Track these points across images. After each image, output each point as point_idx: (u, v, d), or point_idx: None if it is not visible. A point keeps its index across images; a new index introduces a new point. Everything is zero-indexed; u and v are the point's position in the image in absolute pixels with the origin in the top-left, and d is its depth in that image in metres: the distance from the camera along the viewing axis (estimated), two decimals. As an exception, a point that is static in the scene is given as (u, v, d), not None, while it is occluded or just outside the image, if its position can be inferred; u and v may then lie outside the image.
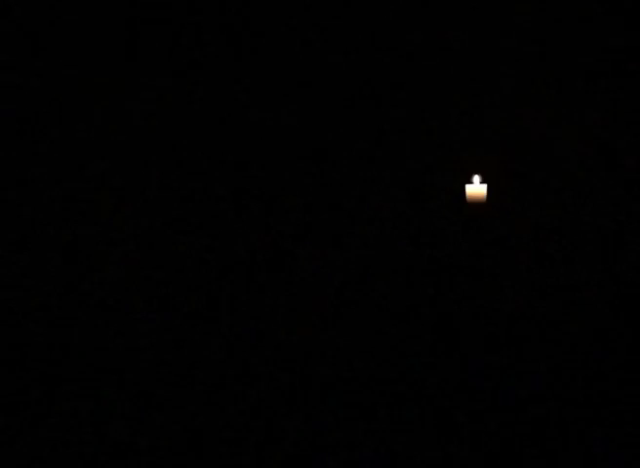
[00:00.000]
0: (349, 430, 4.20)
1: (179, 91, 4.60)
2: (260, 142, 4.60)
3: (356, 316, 4.45)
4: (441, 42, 4.57)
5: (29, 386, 4.32)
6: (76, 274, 4.48)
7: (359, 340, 4.41)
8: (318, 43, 4.60)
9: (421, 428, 4.21)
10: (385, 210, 4.54)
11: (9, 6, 4.55)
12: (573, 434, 4.15)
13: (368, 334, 4.41)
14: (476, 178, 4.28)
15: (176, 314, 4.45)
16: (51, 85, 4.57)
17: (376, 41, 4.58)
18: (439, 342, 4.37)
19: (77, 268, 4.49)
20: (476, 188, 4.27)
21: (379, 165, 4.56)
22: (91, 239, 4.51)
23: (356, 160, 4.57)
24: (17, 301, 4.43)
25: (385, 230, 4.54)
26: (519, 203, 4.51)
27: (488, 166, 4.46)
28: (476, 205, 4.25)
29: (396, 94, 4.58)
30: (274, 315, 4.46)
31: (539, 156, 4.52)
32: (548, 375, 4.28)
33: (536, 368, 4.30)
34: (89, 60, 4.59)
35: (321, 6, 4.60)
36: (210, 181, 4.57)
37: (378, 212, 4.55)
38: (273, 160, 4.59)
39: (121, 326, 4.42)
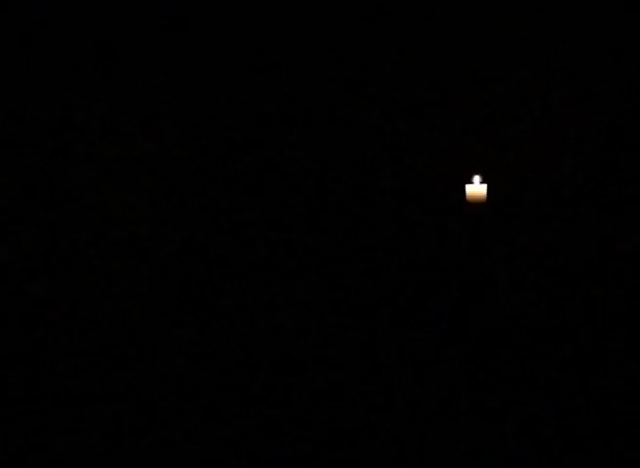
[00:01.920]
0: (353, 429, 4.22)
1: (180, 90, 4.61)
2: (258, 142, 4.60)
3: (356, 316, 4.45)
4: (441, 42, 4.58)
5: (28, 385, 4.33)
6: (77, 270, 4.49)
7: (358, 340, 4.41)
8: (317, 41, 4.60)
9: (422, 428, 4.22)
10: (384, 210, 4.54)
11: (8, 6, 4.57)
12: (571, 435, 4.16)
13: (367, 335, 4.42)
14: (476, 178, 4.28)
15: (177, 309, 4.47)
16: (51, 84, 4.58)
17: (375, 40, 4.59)
18: (440, 342, 4.37)
19: (78, 266, 4.50)
20: (476, 188, 4.27)
21: (378, 165, 4.57)
22: (91, 238, 4.52)
23: (356, 160, 4.57)
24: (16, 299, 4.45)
25: (385, 230, 4.54)
26: (519, 203, 4.52)
27: (488, 166, 4.47)
28: (476, 205, 4.25)
29: (396, 93, 4.58)
30: (278, 317, 4.47)
31: (539, 156, 4.52)
32: (548, 375, 4.29)
33: (535, 367, 4.30)
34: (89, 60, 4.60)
35: (319, 6, 4.61)
36: (210, 181, 4.58)
37: (377, 211, 4.55)
38: (270, 160, 4.59)
39: (120, 324, 4.43)
